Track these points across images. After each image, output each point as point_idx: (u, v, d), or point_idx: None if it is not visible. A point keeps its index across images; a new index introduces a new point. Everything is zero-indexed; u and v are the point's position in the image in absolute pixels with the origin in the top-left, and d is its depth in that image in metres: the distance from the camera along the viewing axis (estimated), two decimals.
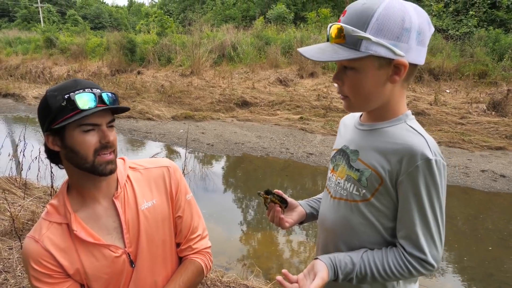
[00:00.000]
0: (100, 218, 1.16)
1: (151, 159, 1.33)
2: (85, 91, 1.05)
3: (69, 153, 1.08)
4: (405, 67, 0.90)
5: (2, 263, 2.78)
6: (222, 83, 10.97)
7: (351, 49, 0.89)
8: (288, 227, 1.20)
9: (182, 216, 1.28)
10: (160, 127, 8.55)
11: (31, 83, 14.22)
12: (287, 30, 14.16)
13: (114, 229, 1.16)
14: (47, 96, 1.06)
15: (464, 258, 3.74)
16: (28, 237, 1.12)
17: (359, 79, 0.93)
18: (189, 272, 1.26)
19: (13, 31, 27.20)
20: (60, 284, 1.10)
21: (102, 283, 1.15)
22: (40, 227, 1.12)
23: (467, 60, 9.98)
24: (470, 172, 5.66)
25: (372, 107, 0.99)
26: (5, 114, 10.27)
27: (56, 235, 1.11)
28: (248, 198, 5.27)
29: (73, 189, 1.17)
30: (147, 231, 1.19)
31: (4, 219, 3.47)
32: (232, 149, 7.01)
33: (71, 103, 1.02)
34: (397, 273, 0.96)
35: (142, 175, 1.25)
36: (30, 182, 4.54)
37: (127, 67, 13.93)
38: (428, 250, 0.94)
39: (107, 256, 1.13)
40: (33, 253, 1.09)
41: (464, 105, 8.23)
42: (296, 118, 8.62)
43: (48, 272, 1.09)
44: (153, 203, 1.22)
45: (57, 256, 1.09)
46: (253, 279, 2.84)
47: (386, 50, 0.88)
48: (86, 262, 1.12)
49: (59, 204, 1.15)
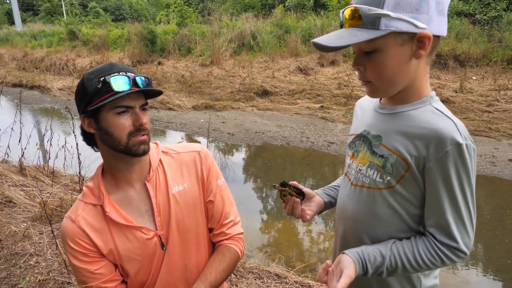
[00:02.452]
0: (133, 201, 1.19)
1: (183, 144, 1.35)
2: (120, 74, 1.07)
3: (104, 135, 1.10)
4: (429, 39, 0.86)
5: (33, 247, 2.90)
6: (242, 72, 10.95)
7: (370, 29, 0.86)
8: (310, 219, 1.17)
9: (214, 201, 1.29)
10: (181, 117, 8.63)
11: (56, 75, 14.58)
12: (307, 18, 13.94)
13: (145, 212, 1.19)
14: (84, 79, 1.09)
15: (490, 249, 3.66)
16: (65, 217, 1.17)
17: (382, 60, 0.89)
18: (227, 259, 1.27)
19: (38, 24, 27.82)
20: (95, 263, 1.15)
21: (135, 264, 1.18)
22: (77, 207, 1.17)
23: (495, 45, 9.61)
24: (497, 161, 5.49)
25: (398, 89, 0.94)
26: (32, 106, 10.58)
27: (91, 216, 1.15)
28: (269, 187, 5.29)
29: (107, 172, 1.21)
30: (178, 214, 1.21)
31: (35, 206, 3.61)
32: (253, 139, 7.02)
33: (106, 85, 1.05)
34: (429, 263, 0.93)
35: (174, 159, 1.27)
36: (57, 171, 4.69)
37: (148, 58, 14.07)
38: (460, 237, 0.92)
39: (139, 238, 1.17)
40: (69, 232, 1.13)
41: (491, 92, 7.95)
42: (317, 107, 8.54)
43: (84, 251, 1.13)
44: (184, 187, 1.24)
45: (92, 236, 1.13)
46: (275, 266, 2.87)
47: (408, 24, 0.84)
48: (119, 243, 1.15)
49: (94, 186, 1.18)
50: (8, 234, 3.06)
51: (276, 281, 2.66)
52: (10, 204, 3.66)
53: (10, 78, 14.07)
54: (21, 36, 22.58)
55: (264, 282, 2.64)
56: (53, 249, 2.85)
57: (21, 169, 4.59)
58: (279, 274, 2.74)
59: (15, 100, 10.51)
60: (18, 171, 4.57)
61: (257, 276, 2.70)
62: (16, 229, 3.13)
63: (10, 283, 2.47)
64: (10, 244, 2.93)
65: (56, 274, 2.55)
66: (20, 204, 3.67)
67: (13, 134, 4.68)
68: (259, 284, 2.61)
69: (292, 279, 2.65)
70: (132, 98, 1.08)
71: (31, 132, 5.02)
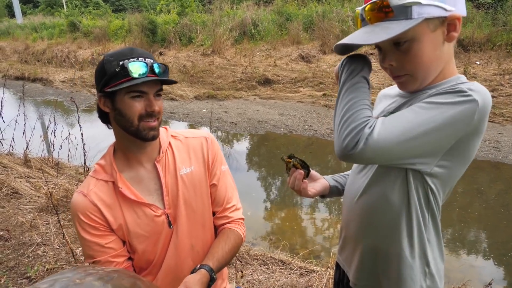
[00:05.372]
0: (143, 179, 1.24)
1: (191, 129, 1.43)
2: (138, 60, 1.11)
3: (117, 115, 1.15)
4: (459, 20, 0.86)
5: (41, 237, 2.93)
6: (244, 61, 10.89)
7: (401, 20, 0.84)
8: (311, 196, 1.16)
9: (217, 185, 1.34)
10: (184, 107, 8.63)
11: (58, 67, 14.56)
12: (308, 5, 13.79)
13: (155, 191, 1.25)
14: (104, 61, 1.13)
15: (494, 233, 3.67)
16: (77, 192, 1.21)
17: (418, 49, 0.87)
18: (232, 240, 1.30)
19: (38, 16, 27.68)
20: (105, 237, 1.19)
21: (142, 240, 1.22)
22: (88, 183, 1.21)
23: (499, 29, 9.47)
24: (502, 146, 5.47)
25: (434, 76, 0.92)
26: (35, 98, 10.60)
27: (102, 191, 1.20)
28: (272, 175, 5.31)
29: (119, 151, 1.25)
30: (185, 195, 1.26)
31: (41, 196, 3.64)
32: (255, 127, 7.02)
33: (124, 70, 1.09)
34: (349, 115, 0.88)
35: (182, 143, 1.32)
36: (61, 162, 4.72)
37: (149, 48, 13.99)
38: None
39: (148, 214, 1.22)
40: (81, 205, 1.17)
41: (496, 77, 7.87)
42: (319, 94, 8.50)
43: (94, 224, 1.18)
44: (191, 169, 1.29)
45: (103, 210, 1.18)
46: (280, 253, 2.89)
47: (438, 9, 0.83)
48: (128, 218, 1.20)
49: (106, 164, 1.23)
50: (16, 225, 3.10)
51: (281, 267, 2.68)
52: (17, 196, 3.70)
53: (12, 71, 14.07)
54: (22, 29, 22.49)
55: (269, 268, 2.67)
56: (60, 238, 2.89)
57: (26, 161, 4.62)
58: (283, 260, 2.77)
59: (18, 93, 10.52)
60: (23, 163, 4.60)
61: (262, 263, 2.73)
62: (23, 219, 3.17)
63: (19, 272, 2.51)
64: (17, 234, 2.97)
65: (63, 263, 2.59)
66: (26, 195, 3.71)
67: (17, 127, 4.70)
68: (264, 270, 2.64)
69: (296, 265, 2.68)
70: (147, 85, 1.12)
71: (35, 124, 5.04)
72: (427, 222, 0.97)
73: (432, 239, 1.00)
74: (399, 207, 0.97)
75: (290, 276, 2.55)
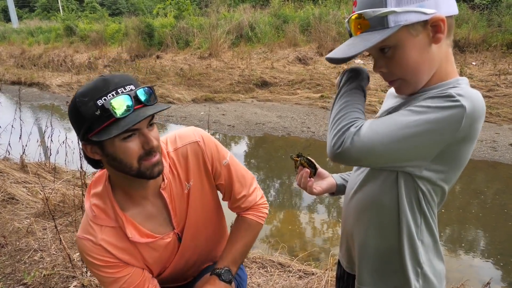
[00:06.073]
0: (150, 213, 1.17)
1: (178, 135, 1.28)
2: (118, 93, 0.95)
3: (111, 161, 1.02)
4: (443, 22, 0.85)
5: (37, 243, 2.91)
6: (241, 64, 10.90)
7: (380, 30, 0.85)
8: (317, 194, 1.18)
9: (223, 183, 1.30)
10: (181, 110, 8.62)
11: (54, 71, 14.51)
12: (305, 7, 13.83)
13: (164, 219, 1.21)
14: (78, 103, 0.96)
15: (492, 233, 3.67)
16: (84, 239, 1.11)
17: (402, 55, 0.88)
18: (242, 231, 1.32)
19: (34, 21, 27.67)
20: (125, 271, 1.17)
21: (157, 261, 1.24)
22: (93, 230, 1.11)
23: (494, 30, 9.53)
24: (498, 146, 5.49)
25: (426, 78, 0.92)
26: (31, 103, 10.56)
27: (112, 237, 1.12)
28: (270, 178, 5.30)
29: (117, 189, 1.15)
30: (191, 210, 1.24)
31: (37, 202, 3.62)
32: (253, 130, 7.01)
33: (105, 111, 0.93)
34: (340, 119, 0.90)
35: (179, 155, 1.22)
36: (58, 167, 4.70)
37: (146, 52, 14.00)
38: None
39: (162, 244, 1.20)
40: (94, 252, 1.10)
41: (492, 77, 7.91)
42: (317, 96, 8.51)
43: (111, 264, 1.13)
44: (191, 183, 1.23)
45: (119, 255, 1.13)
46: (279, 255, 2.88)
47: (416, 14, 0.83)
48: (146, 255, 1.19)
49: (106, 207, 1.13)
50: (12, 231, 3.08)
51: (280, 270, 2.67)
52: (13, 201, 3.68)
53: (8, 76, 14.02)
54: (18, 33, 22.45)
55: (267, 271, 2.65)
56: (57, 244, 2.87)
57: (22, 166, 4.59)
58: (282, 263, 2.75)
59: (15, 97, 10.48)
60: (19, 168, 4.58)
61: (260, 266, 2.72)
62: (20, 225, 3.15)
63: (16, 279, 2.49)
64: (14, 241, 2.95)
65: (61, 268, 2.57)
66: (23, 200, 3.68)
67: (13, 132, 4.68)
68: (263, 273, 2.63)
69: (295, 267, 2.67)
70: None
71: (32, 129, 5.02)
72: (419, 224, 0.97)
73: (426, 240, 1.00)
74: (388, 208, 0.97)
75: (289, 279, 2.54)
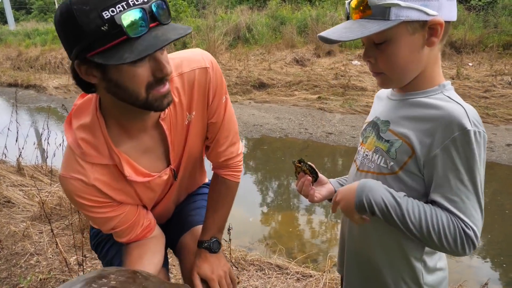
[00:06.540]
0: (146, 147, 1.06)
1: (185, 57, 1.09)
2: (129, 7, 0.76)
3: (114, 88, 0.86)
4: (441, 26, 0.84)
5: (34, 246, 2.89)
6: (238, 65, 10.90)
7: (380, 20, 0.83)
8: (317, 201, 1.18)
9: (215, 122, 1.19)
10: None
11: (51, 73, 14.46)
12: (302, 9, 13.85)
13: (162, 153, 1.11)
14: (75, 12, 0.75)
15: (490, 233, 3.67)
16: (72, 179, 0.97)
17: (393, 50, 0.87)
18: (222, 196, 1.33)
19: (31, 23, 27.55)
20: (119, 210, 1.10)
21: (151, 197, 1.20)
22: (83, 169, 0.97)
23: (490, 31, 9.57)
24: (495, 146, 5.50)
25: (410, 78, 0.93)
26: (28, 105, 10.52)
27: (106, 176, 1.01)
28: (268, 179, 5.29)
29: (111, 120, 0.99)
30: (189, 144, 1.16)
31: (34, 205, 3.60)
32: (251, 131, 7.01)
33: (114, 27, 0.75)
34: (441, 233, 0.86)
35: (184, 81, 1.07)
36: (55, 170, 4.67)
37: None
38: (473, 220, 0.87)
39: (159, 183, 1.14)
40: (85, 193, 0.98)
41: (488, 78, 7.93)
42: (314, 98, 8.52)
43: (103, 204, 1.04)
44: (193, 115, 1.12)
45: (114, 195, 1.03)
46: (276, 258, 2.87)
47: (418, 13, 0.82)
48: (142, 193, 1.12)
49: (98, 142, 0.98)
50: (8, 234, 3.06)
51: (278, 272, 2.66)
52: (9, 204, 3.65)
53: (5, 78, 13.97)
54: (14, 35, 22.37)
55: (265, 274, 2.64)
56: (53, 247, 2.85)
57: (19, 169, 4.57)
58: (280, 265, 2.75)
59: (11, 100, 10.44)
60: (16, 171, 4.55)
61: (258, 268, 2.71)
62: (16, 229, 3.13)
63: (11, 283, 2.47)
64: (10, 244, 2.93)
65: (57, 272, 2.55)
66: (19, 204, 3.66)
67: (10, 134, 4.65)
68: (261, 276, 2.62)
69: (293, 270, 2.66)
70: None
71: (28, 131, 4.99)
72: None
73: (426, 249, 1.04)
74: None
75: (286, 281, 2.53)
